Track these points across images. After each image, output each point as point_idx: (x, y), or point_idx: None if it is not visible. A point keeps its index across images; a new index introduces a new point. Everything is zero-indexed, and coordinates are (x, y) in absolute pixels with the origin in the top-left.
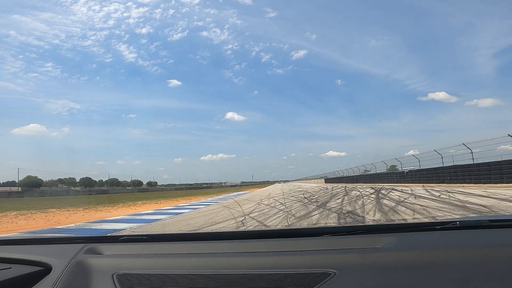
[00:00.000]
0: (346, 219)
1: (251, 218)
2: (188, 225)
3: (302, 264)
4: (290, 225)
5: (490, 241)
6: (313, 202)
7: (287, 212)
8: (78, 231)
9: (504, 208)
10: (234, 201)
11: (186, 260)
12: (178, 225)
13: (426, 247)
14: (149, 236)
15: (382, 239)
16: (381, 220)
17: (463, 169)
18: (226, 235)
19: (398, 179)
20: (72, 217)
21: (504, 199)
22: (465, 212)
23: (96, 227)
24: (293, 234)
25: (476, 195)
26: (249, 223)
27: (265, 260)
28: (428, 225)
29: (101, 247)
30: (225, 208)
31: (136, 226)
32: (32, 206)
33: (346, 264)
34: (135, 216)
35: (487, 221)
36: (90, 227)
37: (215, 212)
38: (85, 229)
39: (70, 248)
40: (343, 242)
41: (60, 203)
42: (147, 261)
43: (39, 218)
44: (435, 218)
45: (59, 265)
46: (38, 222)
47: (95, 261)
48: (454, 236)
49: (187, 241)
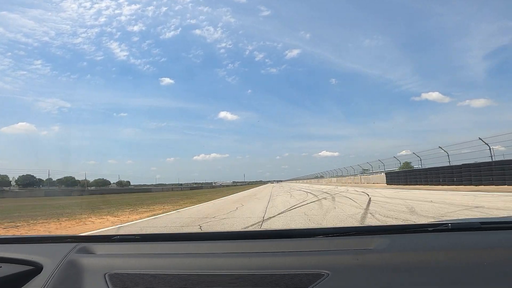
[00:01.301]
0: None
1: None
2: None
3: (296, 264)
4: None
5: (481, 243)
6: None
7: None
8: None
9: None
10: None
11: (179, 260)
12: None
13: (418, 248)
14: (142, 236)
15: (375, 240)
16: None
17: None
18: (219, 235)
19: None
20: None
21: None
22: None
23: None
24: (287, 235)
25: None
26: None
27: (258, 261)
28: (420, 226)
29: (93, 246)
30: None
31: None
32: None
33: (339, 265)
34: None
35: (479, 223)
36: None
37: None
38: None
39: (62, 247)
40: (337, 243)
41: (44, 207)
42: (140, 261)
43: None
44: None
45: (50, 264)
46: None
47: (87, 261)
48: (446, 238)
49: (180, 241)
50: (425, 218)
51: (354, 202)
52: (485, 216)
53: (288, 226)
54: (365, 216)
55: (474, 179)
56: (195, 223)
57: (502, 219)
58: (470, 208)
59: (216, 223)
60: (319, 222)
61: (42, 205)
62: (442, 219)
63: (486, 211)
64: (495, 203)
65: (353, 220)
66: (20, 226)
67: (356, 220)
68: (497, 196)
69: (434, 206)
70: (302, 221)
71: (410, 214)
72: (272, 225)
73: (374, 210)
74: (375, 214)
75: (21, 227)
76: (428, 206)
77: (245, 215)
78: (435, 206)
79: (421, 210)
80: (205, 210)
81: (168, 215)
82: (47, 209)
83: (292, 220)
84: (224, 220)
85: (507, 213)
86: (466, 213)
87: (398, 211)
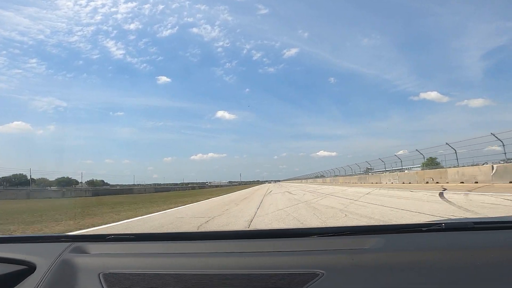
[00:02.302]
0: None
1: None
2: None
3: (291, 264)
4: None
5: (474, 242)
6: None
7: None
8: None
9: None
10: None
11: (174, 259)
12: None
13: (412, 248)
14: (136, 235)
15: (370, 240)
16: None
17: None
18: (214, 235)
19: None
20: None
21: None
22: None
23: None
24: (282, 235)
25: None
26: None
27: (253, 260)
28: (414, 226)
29: (88, 246)
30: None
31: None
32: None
33: (334, 264)
34: None
35: (472, 223)
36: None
37: None
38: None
39: (55, 246)
40: (332, 243)
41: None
42: (135, 261)
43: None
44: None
45: (44, 264)
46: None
47: (81, 260)
48: (440, 238)
49: (175, 241)
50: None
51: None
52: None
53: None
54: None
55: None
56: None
57: (495, 219)
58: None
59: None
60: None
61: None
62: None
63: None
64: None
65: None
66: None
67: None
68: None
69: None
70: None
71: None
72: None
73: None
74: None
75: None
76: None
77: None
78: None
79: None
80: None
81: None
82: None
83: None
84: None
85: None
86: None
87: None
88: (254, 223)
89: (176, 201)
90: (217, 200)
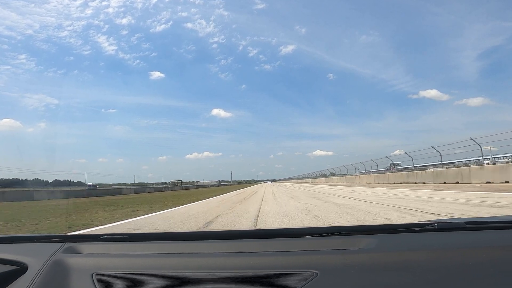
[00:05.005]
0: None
1: None
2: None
3: (284, 264)
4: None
5: (466, 242)
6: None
7: None
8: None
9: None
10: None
11: (168, 260)
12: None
13: (405, 248)
14: (130, 236)
15: (363, 240)
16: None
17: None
18: (208, 235)
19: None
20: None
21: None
22: None
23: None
24: (275, 235)
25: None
26: None
27: (246, 261)
28: (407, 226)
29: (80, 246)
30: None
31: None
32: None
33: (328, 264)
34: None
35: (464, 223)
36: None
37: None
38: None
39: (48, 247)
40: (325, 243)
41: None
42: (128, 261)
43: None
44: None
45: (36, 264)
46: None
47: (74, 260)
48: (432, 238)
49: (168, 241)
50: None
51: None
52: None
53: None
54: None
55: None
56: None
57: (486, 219)
58: None
59: None
60: None
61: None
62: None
63: None
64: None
65: None
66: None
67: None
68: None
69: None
70: None
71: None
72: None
73: None
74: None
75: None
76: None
77: None
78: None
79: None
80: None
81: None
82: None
83: None
84: None
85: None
86: None
87: None
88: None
89: (164, 205)
90: (205, 203)
